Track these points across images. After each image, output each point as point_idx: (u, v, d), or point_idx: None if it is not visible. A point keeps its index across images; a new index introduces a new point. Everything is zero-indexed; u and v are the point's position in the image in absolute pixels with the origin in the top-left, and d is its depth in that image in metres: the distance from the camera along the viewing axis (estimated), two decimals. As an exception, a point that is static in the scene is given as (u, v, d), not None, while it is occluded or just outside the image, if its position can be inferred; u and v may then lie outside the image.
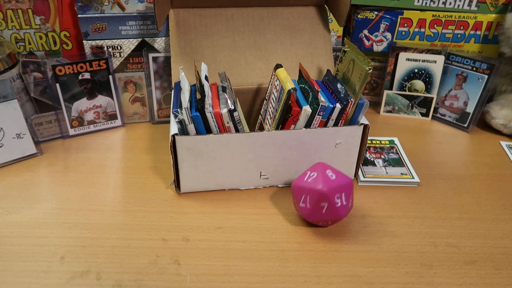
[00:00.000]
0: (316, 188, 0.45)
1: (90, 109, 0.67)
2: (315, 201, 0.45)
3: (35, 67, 0.69)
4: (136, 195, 0.54)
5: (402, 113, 0.78)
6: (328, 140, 0.53)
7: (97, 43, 0.65)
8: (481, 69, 0.69)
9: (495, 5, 0.72)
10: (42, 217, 0.50)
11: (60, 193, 0.54)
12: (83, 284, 0.41)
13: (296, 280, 0.42)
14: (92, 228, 0.48)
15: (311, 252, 0.45)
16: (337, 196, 0.45)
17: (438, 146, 0.68)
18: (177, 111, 0.48)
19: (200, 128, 0.49)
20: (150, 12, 0.65)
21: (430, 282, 0.42)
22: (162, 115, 0.72)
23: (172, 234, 0.48)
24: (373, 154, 0.62)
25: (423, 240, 0.48)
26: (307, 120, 0.51)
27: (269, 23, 0.65)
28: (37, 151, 0.62)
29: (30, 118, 0.62)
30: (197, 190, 0.54)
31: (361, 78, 0.49)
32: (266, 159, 0.53)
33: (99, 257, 0.44)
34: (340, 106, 0.50)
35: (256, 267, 0.43)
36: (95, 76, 0.66)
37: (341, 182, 0.45)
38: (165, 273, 0.42)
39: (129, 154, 0.63)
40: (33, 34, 0.67)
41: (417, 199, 0.54)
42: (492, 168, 0.62)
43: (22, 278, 0.41)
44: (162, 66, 0.68)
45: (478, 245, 0.47)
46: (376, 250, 0.46)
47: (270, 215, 0.51)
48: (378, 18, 0.75)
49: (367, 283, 0.42)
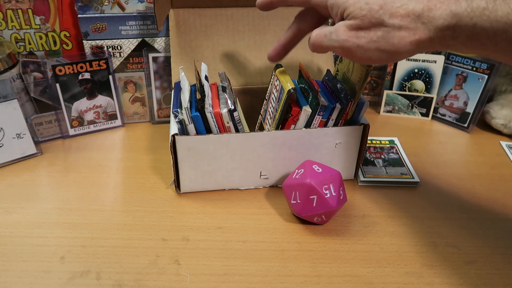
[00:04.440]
0: (304, 182, 0.46)
1: (90, 109, 0.67)
2: (304, 195, 0.46)
3: (35, 67, 0.69)
4: (136, 195, 0.54)
5: (402, 113, 0.78)
6: (328, 140, 0.53)
7: (97, 43, 0.65)
8: (481, 69, 0.69)
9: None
10: (42, 217, 0.50)
11: (60, 193, 0.54)
12: (83, 284, 0.41)
13: (296, 280, 0.42)
14: (92, 228, 0.48)
15: (311, 252, 0.45)
16: (325, 187, 0.45)
17: (438, 146, 0.68)
18: (177, 111, 0.48)
19: (200, 128, 0.49)
20: (150, 12, 0.65)
21: (430, 282, 0.42)
22: (162, 115, 0.72)
23: (172, 234, 0.48)
24: (373, 154, 0.62)
25: (423, 240, 0.48)
26: (307, 120, 0.51)
27: (269, 23, 0.65)
28: (37, 151, 0.62)
29: (30, 118, 0.62)
30: (197, 190, 0.54)
31: (361, 78, 0.49)
32: (266, 159, 0.53)
33: (99, 257, 0.44)
34: (340, 106, 0.50)
35: (256, 267, 0.43)
36: (95, 76, 0.66)
37: (327, 174, 0.46)
38: (165, 273, 0.42)
39: (129, 154, 0.63)
40: (33, 34, 0.67)
41: (417, 199, 0.54)
42: (492, 168, 0.62)
43: (22, 278, 0.41)
44: (162, 66, 0.68)
45: (478, 245, 0.47)
46: (376, 250, 0.46)
47: (270, 215, 0.51)
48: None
49: (367, 283, 0.42)
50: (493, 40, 0.31)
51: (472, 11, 0.31)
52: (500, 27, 0.30)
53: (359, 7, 0.36)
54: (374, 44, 0.36)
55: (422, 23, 0.33)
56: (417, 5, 0.33)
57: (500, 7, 0.29)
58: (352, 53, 0.38)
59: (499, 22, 0.30)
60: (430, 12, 0.33)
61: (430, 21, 0.33)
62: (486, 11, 0.30)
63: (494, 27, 0.30)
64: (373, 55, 0.37)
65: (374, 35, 0.36)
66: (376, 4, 0.35)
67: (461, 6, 0.31)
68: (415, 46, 0.35)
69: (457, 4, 0.31)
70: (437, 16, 0.32)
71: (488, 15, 0.30)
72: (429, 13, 0.33)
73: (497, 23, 0.30)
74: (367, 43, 0.36)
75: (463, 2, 0.31)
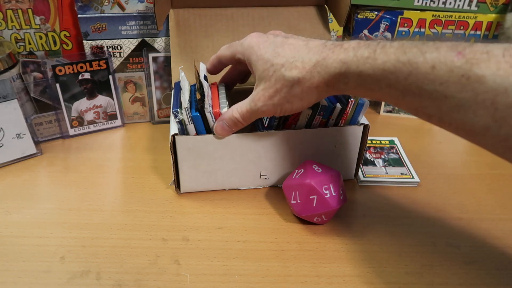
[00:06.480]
0: (304, 182, 0.46)
1: (90, 109, 0.67)
2: (304, 195, 0.46)
3: (35, 67, 0.69)
4: (136, 195, 0.54)
5: (402, 113, 0.78)
6: (328, 140, 0.53)
7: (97, 43, 0.65)
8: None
9: (495, 5, 0.72)
10: (42, 217, 0.50)
11: (60, 193, 0.54)
12: (83, 284, 0.41)
13: (296, 280, 0.42)
14: (92, 228, 0.48)
15: (311, 252, 0.45)
16: (324, 187, 0.45)
17: (438, 146, 0.68)
18: (177, 111, 0.48)
19: (200, 128, 0.49)
20: (150, 12, 0.65)
21: (430, 282, 0.42)
22: (162, 115, 0.72)
23: (172, 234, 0.48)
24: (373, 154, 0.62)
25: (423, 240, 0.48)
26: (307, 120, 0.51)
27: (269, 23, 0.65)
28: (37, 151, 0.62)
29: (30, 118, 0.62)
30: (197, 190, 0.54)
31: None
32: (266, 159, 0.53)
33: (99, 257, 0.44)
34: (340, 106, 0.50)
35: (256, 267, 0.43)
36: (95, 76, 0.66)
37: (327, 174, 0.46)
38: (165, 273, 0.42)
39: (129, 154, 0.63)
40: (33, 34, 0.67)
41: (417, 199, 0.54)
42: (492, 168, 0.62)
43: (22, 278, 0.41)
44: (162, 66, 0.68)
45: (478, 245, 0.47)
46: (376, 250, 0.46)
47: (270, 215, 0.51)
48: (378, 18, 0.75)
49: (367, 283, 0.42)
50: (377, 85, 0.34)
51: (358, 60, 0.35)
52: (380, 74, 0.34)
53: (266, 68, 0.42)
54: (284, 99, 0.41)
55: (318, 72, 0.38)
56: (314, 56, 0.38)
57: (380, 56, 0.33)
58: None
59: (379, 69, 0.33)
60: (324, 60, 0.38)
61: (323, 69, 0.38)
62: (369, 59, 0.34)
63: (376, 73, 0.34)
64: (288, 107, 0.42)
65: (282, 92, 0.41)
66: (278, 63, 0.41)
67: (349, 55, 0.36)
68: (316, 91, 0.39)
69: (345, 53, 0.36)
70: (329, 64, 0.37)
71: (370, 63, 0.34)
72: (323, 62, 0.38)
73: (378, 70, 0.34)
74: (279, 99, 0.41)
75: (351, 52, 0.36)
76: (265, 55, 0.41)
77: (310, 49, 0.39)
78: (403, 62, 0.32)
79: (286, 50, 0.40)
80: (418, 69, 0.31)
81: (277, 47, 0.41)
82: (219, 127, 0.48)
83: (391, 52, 0.33)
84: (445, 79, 0.30)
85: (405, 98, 0.33)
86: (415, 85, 0.32)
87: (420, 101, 0.32)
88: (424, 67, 0.31)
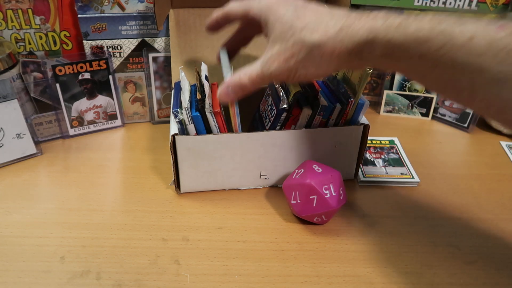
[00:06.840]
0: (304, 182, 0.46)
1: (90, 109, 0.67)
2: (304, 195, 0.46)
3: (35, 67, 0.69)
4: (136, 195, 0.54)
5: (402, 113, 0.78)
6: (328, 140, 0.53)
7: (97, 43, 0.65)
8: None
9: (495, 5, 0.72)
10: (42, 217, 0.50)
11: (60, 193, 0.54)
12: (83, 284, 0.41)
13: (296, 280, 0.42)
14: (92, 228, 0.48)
15: (311, 252, 0.45)
16: (324, 187, 0.45)
17: (438, 146, 0.68)
18: (177, 111, 0.48)
19: (200, 128, 0.49)
20: (150, 12, 0.65)
21: (430, 282, 0.42)
22: (162, 115, 0.72)
23: (172, 234, 0.48)
24: (373, 154, 0.62)
25: (423, 240, 0.48)
26: (307, 120, 0.51)
27: (269, 23, 0.64)
28: (37, 151, 0.62)
29: (30, 118, 0.62)
30: (197, 190, 0.54)
31: (361, 78, 0.49)
32: (266, 159, 0.53)
33: (99, 257, 0.44)
34: (340, 106, 0.50)
35: (256, 267, 0.43)
36: (95, 76, 0.66)
37: (327, 174, 0.46)
38: (165, 273, 0.42)
39: (129, 154, 0.63)
40: (33, 34, 0.67)
41: (417, 199, 0.54)
42: (492, 168, 0.62)
43: (22, 278, 0.41)
44: (162, 66, 0.68)
45: (478, 245, 0.47)
46: (376, 250, 0.46)
47: (270, 215, 0.51)
48: (378, 18, 0.75)
49: (367, 283, 0.42)
50: (406, 54, 0.33)
51: (387, 27, 0.33)
52: (411, 42, 0.32)
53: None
54: (300, 64, 0.38)
55: (341, 39, 0.36)
56: (338, 22, 0.36)
57: (413, 24, 0.32)
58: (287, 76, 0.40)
59: (411, 37, 0.32)
60: (349, 28, 0.35)
61: (348, 36, 0.35)
62: (400, 27, 0.33)
63: (407, 42, 0.32)
64: (302, 73, 0.39)
65: (298, 55, 0.38)
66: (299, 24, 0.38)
67: (378, 22, 0.34)
68: (336, 60, 0.37)
69: (374, 21, 0.34)
70: (354, 31, 0.35)
71: (402, 31, 0.32)
72: (348, 29, 0.35)
73: (409, 38, 0.32)
74: (295, 63, 0.39)
75: (380, 20, 0.34)
76: (285, 17, 0.38)
77: (334, 15, 0.37)
78: (439, 31, 0.30)
79: (308, 13, 0.38)
80: (454, 40, 0.29)
81: (298, 9, 0.39)
82: (223, 93, 0.44)
83: (426, 21, 0.31)
84: (483, 51, 0.28)
85: (435, 70, 0.32)
86: (448, 56, 0.30)
87: (452, 74, 0.31)
88: (461, 37, 0.29)
